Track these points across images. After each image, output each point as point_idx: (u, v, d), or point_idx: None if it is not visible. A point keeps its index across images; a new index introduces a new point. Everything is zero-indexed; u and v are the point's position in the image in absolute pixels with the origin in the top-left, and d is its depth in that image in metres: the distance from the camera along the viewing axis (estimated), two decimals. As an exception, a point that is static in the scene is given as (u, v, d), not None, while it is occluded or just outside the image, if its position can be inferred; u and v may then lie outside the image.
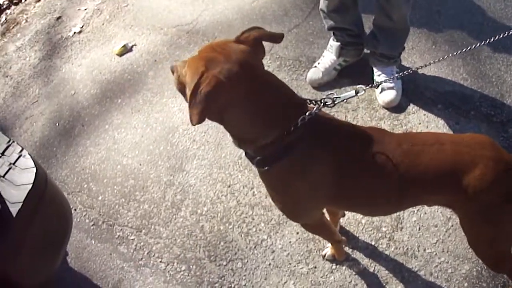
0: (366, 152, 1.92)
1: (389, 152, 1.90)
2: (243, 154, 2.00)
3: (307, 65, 3.66)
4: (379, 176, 1.93)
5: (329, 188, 1.98)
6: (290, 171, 1.92)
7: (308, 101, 1.95)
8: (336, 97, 2.00)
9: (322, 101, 1.95)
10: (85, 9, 4.79)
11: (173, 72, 1.90)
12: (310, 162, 1.90)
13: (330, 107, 1.98)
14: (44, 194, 2.37)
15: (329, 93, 2.05)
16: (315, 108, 1.87)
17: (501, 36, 2.07)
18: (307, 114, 1.82)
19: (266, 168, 1.93)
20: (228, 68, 1.69)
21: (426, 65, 2.25)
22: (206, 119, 1.69)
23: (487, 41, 2.09)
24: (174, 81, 1.90)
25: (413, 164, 1.89)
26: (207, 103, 1.65)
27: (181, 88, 1.86)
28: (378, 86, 2.11)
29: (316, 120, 1.85)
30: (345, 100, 2.05)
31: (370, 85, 2.13)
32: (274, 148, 1.84)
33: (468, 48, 2.15)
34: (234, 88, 1.69)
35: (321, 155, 1.89)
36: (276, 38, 1.89)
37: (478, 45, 2.12)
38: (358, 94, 2.06)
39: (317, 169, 1.91)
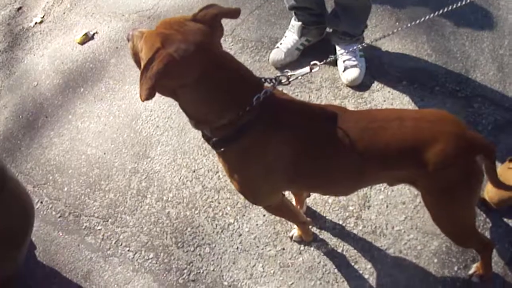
0: (324, 130, 1.90)
1: (348, 129, 1.88)
2: (205, 136, 1.99)
3: (269, 46, 3.63)
4: (338, 154, 1.92)
5: (288, 168, 1.95)
6: (247, 152, 1.90)
7: (263, 80, 1.92)
8: (291, 74, 1.97)
9: (277, 79, 1.93)
10: (46, -1, 4.71)
11: (128, 40, 1.86)
12: (267, 142, 1.88)
13: (285, 84, 1.96)
14: (3, 187, 2.32)
15: (285, 70, 2.01)
16: (270, 87, 1.85)
17: (459, 5, 2.03)
18: (261, 93, 1.79)
19: (222, 149, 1.91)
20: (184, 47, 1.65)
21: (385, 36, 2.22)
22: (164, 98, 1.66)
23: (442, 11, 2.05)
24: (129, 50, 1.86)
25: (372, 141, 1.88)
26: (157, 81, 1.61)
27: (136, 59, 1.83)
28: (332, 59, 2.09)
29: (272, 99, 1.83)
30: (300, 77, 2.02)
31: (324, 61, 2.09)
32: (230, 129, 1.82)
33: (430, 16, 2.10)
34: (188, 68, 1.67)
35: (277, 135, 1.87)
36: (233, 13, 1.84)
37: (433, 14, 2.09)
38: (313, 70, 2.02)
39: (274, 149, 1.89)
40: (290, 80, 1.96)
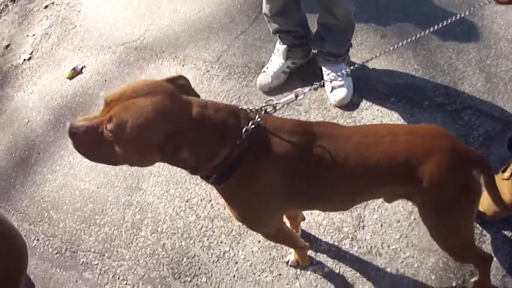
0: (315, 148, 1.89)
1: (339, 146, 1.89)
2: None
3: (256, 70, 3.64)
4: (331, 171, 1.91)
5: (284, 189, 1.95)
6: (245, 182, 1.89)
7: (249, 110, 1.92)
8: (277, 103, 1.97)
9: (263, 109, 1.92)
10: (33, 35, 4.72)
11: (72, 137, 1.75)
12: (261, 169, 1.88)
13: (272, 113, 1.96)
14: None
15: (269, 99, 2.01)
16: (256, 117, 1.84)
17: (448, 22, 2.01)
18: (249, 124, 1.80)
19: (222, 185, 1.90)
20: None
21: (372, 58, 2.22)
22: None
23: (433, 29, 2.05)
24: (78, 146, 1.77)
25: (365, 157, 1.88)
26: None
27: (97, 149, 1.74)
28: (317, 88, 2.09)
29: (261, 126, 1.84)
30: (286, 105, 2.02)
31: (309, 88, 2.09)
32: (226, 164, 1.82)
33: (418, 36, 2.09)
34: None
35: (270, 160, 1.87)
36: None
37: (424, 33, 2.08)
38: (298, 98, 2.03)
39: (268, 174, 1.89)
40: (276, 108, 1.96)
